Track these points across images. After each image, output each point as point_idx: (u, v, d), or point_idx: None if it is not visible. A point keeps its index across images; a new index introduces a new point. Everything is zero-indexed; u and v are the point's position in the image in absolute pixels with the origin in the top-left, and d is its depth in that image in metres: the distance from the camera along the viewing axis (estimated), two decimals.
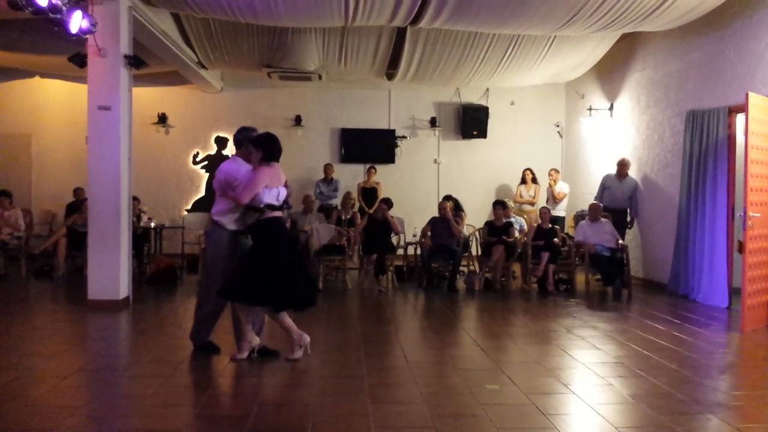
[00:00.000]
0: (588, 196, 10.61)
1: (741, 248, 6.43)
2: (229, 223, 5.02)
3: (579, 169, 11.87)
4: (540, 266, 8.73)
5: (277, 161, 4.98)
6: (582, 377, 4.69)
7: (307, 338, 4.98)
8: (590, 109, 10.92)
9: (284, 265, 4.82)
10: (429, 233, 9.17)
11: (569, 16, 7.49)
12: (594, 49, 10.00)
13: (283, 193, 4.96)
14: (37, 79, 11.45)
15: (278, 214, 4.92)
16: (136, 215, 9.48)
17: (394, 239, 9.54)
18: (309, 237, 9.00)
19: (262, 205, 4.79)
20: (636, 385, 4.46)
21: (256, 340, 5.01)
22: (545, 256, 8.73)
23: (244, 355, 4.96)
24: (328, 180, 11.39)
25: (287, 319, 4.97)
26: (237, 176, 4.92)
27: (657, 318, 6.90)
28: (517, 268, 9.66)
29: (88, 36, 6.65)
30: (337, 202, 11.03)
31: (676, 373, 4.79)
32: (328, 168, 11.46)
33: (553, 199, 11.06)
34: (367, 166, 11.70)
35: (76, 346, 5.66)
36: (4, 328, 6.21)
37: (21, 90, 11.81)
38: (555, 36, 9.27)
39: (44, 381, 4.39)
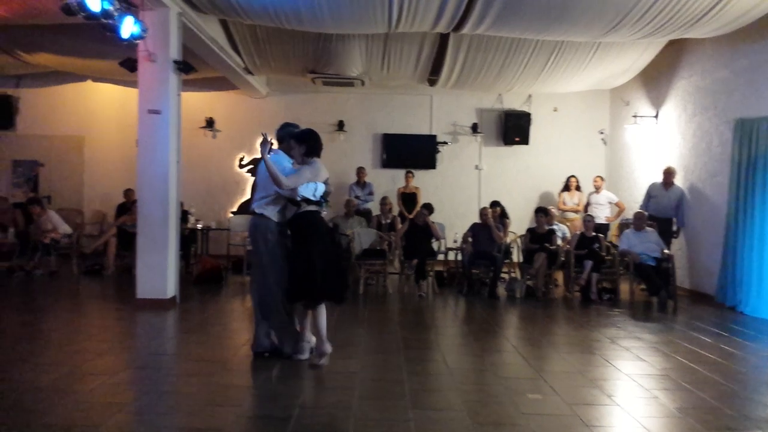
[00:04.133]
0: (633, 205, 10.44)
1: None
2: (273, 214, 5.06)
3: (623, 177, 11.68)
4: (583, 275, 8.62)
5: (319, 156, 5.03)
6: (626, 389, 4.62)
7: (328, 349, 4.83)
8: (635, 116, 10.75)
9: (317, 258, 4.77)
10: (470, 239, 9.15)
11: (615, 22, 7.38)
12: (640, 55, 9.85)
13: (321, 189, 4.99)
14: (89, 82, 11.86)
15: (314, 208, 4.95)
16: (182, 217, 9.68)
17: (434, 245, 9.53)
18: (350, 241, 9.07)
19: (299, 198, 4.86)
20: (682, 398, 4.38)
21: (314, 340, 4.97)
22: (588, 264, 8.62)
23: (305, 355, 5.03)
24: (361, 184, 11.35)
25: (322, 321, 4.82)
26: (280, 168, 4.93)
27: (703, 330, 6.75)
28: (559, 276, 9.55)
29: (138, 41, 6.80)
30: (371, 206, 11.06)
31: (724, 387, 4.69)
32: (361, 172, 11.39)
33: (618, 212, 10.89)
34: (406, 171, 11.72)
35: (124, 343, 5.81)
36: (55, 324, 6.43)
37: (74, 93, 12.20)
38: (600, 42, 9.16)
39: (93, 377, 4.51)
